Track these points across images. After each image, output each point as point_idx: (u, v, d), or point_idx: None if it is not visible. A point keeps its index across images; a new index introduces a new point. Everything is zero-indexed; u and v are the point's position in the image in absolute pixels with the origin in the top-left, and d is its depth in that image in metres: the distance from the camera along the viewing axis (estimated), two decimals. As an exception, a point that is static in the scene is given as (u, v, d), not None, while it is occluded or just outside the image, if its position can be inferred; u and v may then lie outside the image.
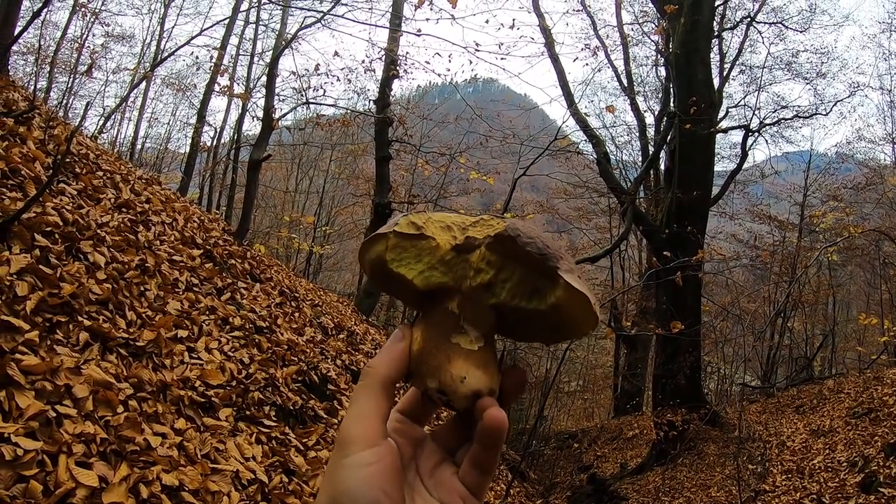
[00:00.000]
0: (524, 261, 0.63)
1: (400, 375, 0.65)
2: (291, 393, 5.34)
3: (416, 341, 0.66)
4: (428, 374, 0.64)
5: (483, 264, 0.65)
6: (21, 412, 2.71)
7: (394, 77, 14.45)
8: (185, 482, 3.15)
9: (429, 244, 0.66)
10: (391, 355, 0.65)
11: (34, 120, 6.32)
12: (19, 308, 3.29)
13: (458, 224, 0.68)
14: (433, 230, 0.67)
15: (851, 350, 22.61)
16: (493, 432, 0.61)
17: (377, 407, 0.62)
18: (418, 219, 0.67)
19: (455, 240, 0.66)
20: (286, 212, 25.11)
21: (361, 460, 0.58)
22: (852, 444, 9.71)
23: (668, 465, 13.45)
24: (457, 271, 0.66)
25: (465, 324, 0.65)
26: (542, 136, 16.05)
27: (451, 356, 0.64)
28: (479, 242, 0.65)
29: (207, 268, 6.43)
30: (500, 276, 0.65)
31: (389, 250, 0.67)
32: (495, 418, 0.61)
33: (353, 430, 0.60)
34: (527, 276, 0.64)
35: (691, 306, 14.46)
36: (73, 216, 4.63)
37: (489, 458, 0.64)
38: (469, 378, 0.63)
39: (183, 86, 23.34)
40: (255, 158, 10.22)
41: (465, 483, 0.64)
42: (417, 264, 0.66)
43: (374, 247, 0.67)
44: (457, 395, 0.63)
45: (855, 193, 23.07)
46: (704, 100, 14.37)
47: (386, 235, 0.66)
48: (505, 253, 0.64)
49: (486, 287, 0.65)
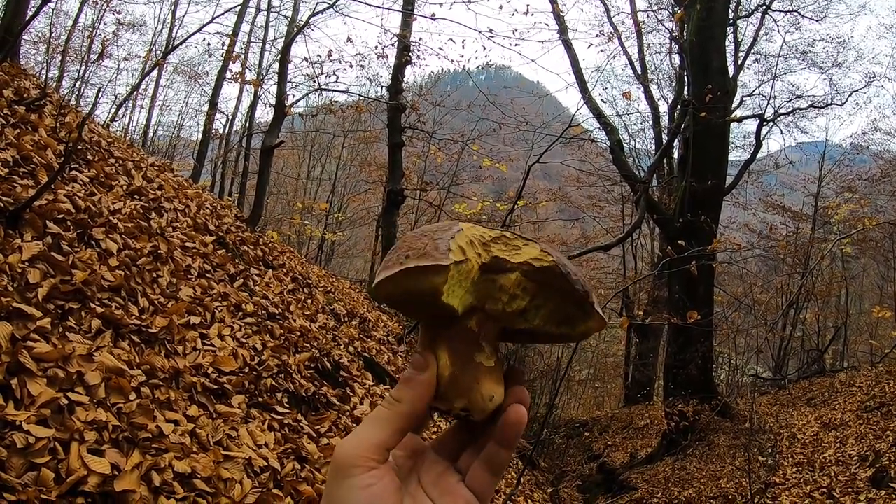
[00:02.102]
0: (564, 293, 0.65)
1: (424, 408, 0.65)
2: (304, 380, 5.34)
3: (445, 367, 0.65)
4: (457, 397, 0.65)
5: (519, 290, 0.66)
6: (33, 399, 2.71)
7: (407, 63, 14.40)
8: (198, 469, 3.15)
9: (467, 267, 0.63)
10: (418, 389, 0.64)
11: (46, 108, 6.33)
12: (31, 295, 3.28)
13: (477, 238, 0.66)
14: (468, 252, 0.64)
15: (864, 343, 22.54)
16: (514, 427, 0.64)
17: (386, 438, 0.62)
18: (462, 241, 0.64)
19: (480, 258, 0.65)
20: (298, 199, 25.13)
21: (362, 482, 0.58)
22: (863, 438, 9.67)
23: (678, 455, 13.44)
24: (481, 290, 0.65)
25: (483, 340, 0.66)
26: (556, 123, 15.98)
27: (479, 377, 0.65)
28: (513, 266, 0.65)
29: (220, 254, 6.43)
30: (533, 302, 0.67)
31: (448, 281, 0.62)
32: (519, 414, 0.64)
33: (353, 452, 0.60)
34: (561, 306, 0.67)
35: (704, 296, 14.41)
36: (85, 203, 4.63)
37: (503, 457, 0.65)
38: (496, 396, 0.65)
39: (195, 73, 23.37)
40: (267, 145, 10.20)
41: (473, 488, 0.65)
42: (460, 290, 0.64)
43: (430, 278, 0.61)
44: (485, 412, 0.65)
45: (870, 185, 22.92)
46: (719, 88, 14.26)
47: (446, 268, 0.61)
48: (546, 283, 0.65)
49: (520, 313, 0.67)
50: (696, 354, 14.39)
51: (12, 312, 3.07)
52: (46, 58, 17.76)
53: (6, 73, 6.43)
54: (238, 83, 18.77)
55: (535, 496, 9.47)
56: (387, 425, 0.62)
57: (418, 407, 0.63)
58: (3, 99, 5.59)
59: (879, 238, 20.84)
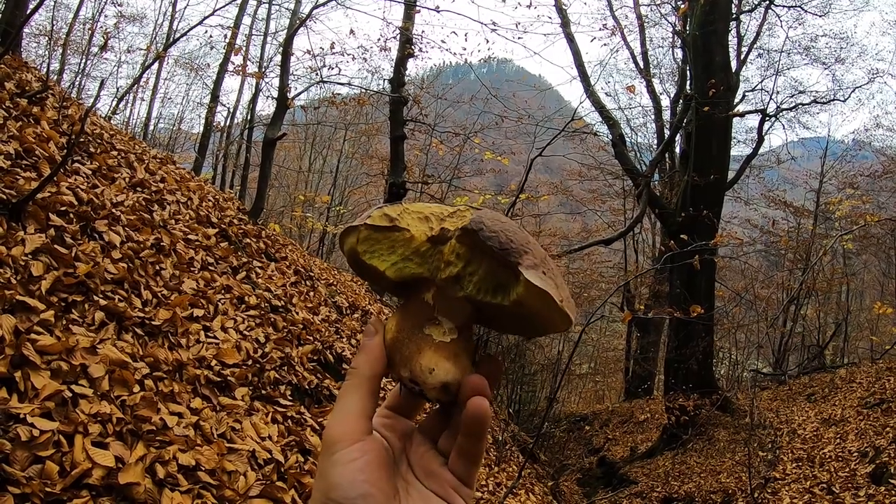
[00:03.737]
0: (489, 255, 0.63)
1: (381, 370, 0.66)
2: (307, 372, 5.34)
3: (390, 331, 0.67)
4: (401, 364, 0.65)
5: (452, 256, 0.65)
6: (37, 392, 2.71)
7: (409, 56, 14.36)
8: (202, 462, 3.15)
9: (402, 236, 0.66)
10: (369, 353, 0.66)
11: (48, 100, 6.32)
12: (34, 288, 3.28)
13: (437, 215, 0.68)
14: (409, 221, 0.67)
15: (864, 339, 22.59)
16: (476, 420, 0.62)
17: (361, 405, 0.64)
18: (392, 210, 0.67)
19: (432, 231, 0.67)
20: (300, 191, 25.11)
21: (348, 456, 0.60)
22: (863, 434, 9.69)
23: (678, 449, 13.48)
24: (432, 262, 0.67)
25: (440, 315, 0.66)
26: (558, 117, 15.95)
27: (422, 347, 0.65)
28: (451, 234, 0.66)
29: (223, 247, 6.42)
30: (467, 269, 0.65)
31: (361, 242, 0.68)
32: (479, 407, 0.61)
33: (337, 429, 0.62)
34: (492, 270, 0.64)
35: (705, 291, 14.43)
36: (87, 195, 4.62)
37: (475, 448, 0.64)
38: (437, 370, 0.63)
39: (196, 66, 23.31)
40: (270, 137, 10.19)
41: (455, 472, 0.65)
42: (391, 256, 0.68)
43: (347, 238, 0.68)
44: (426, 385, 0.64)
45: (871, 181, 22.89)
46: (722, 83, 14.25)
47: (357, 228, 0.67)
48: (471, 246, 0.64)
49: (454, 279, 0.65)
50: (697, 349, 14.41)
51: (16, 305, 3.07)
52: (48, 50, 17.73)
53: (8, 66, 6.42)
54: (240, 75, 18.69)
55: (535, 489, 9.49)
56: (354, 393, 0.64)
57: (375, 369, 0.65)
58: (6, 91, 5.58)
59: (881, 234, 20.85)
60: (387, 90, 15.03)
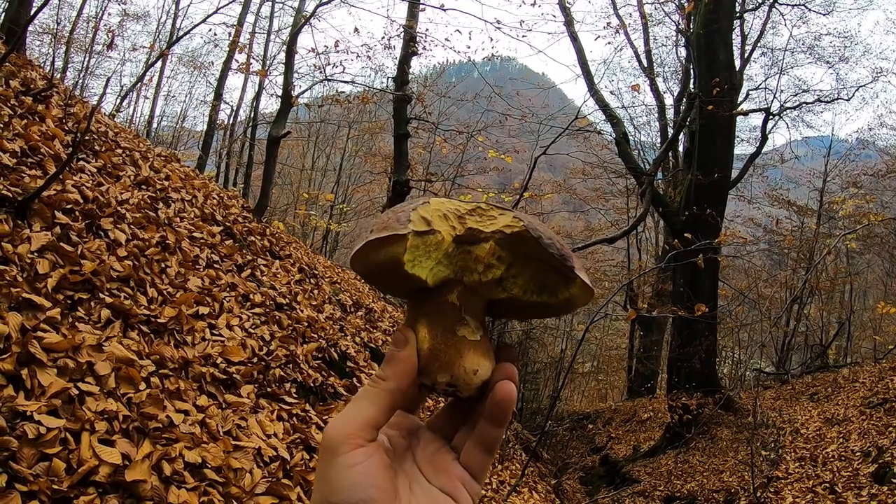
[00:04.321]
0: (540, 259, 0.64)
1: (410, 384, 0.65)
2: (312, 370, 5.35)
3: (424, 339, 0.65)
4: (439, 371, 0.64)
5: (493, 260, 0.65)
6: (43, 390, 2.71)
7: (413, 54, 14.32)
8: (208, 459, 3.16)
9: (436, 239, 0.64)
10: (400, 365, 0.64)
11: (52, 98, 6.33)
12: (41, 285, 3.29)
13: (452, 212, 0.66)
14: (437, 223, 0.65)
15: (867, 339, 22.53)
16: (503, 405, 0.64)
17: (374, 415, 0.62)
18: (426, 212, 0.65)
19: (454, 230, 0.65)
20: (303, 189, 25.11)
21: (350, 460, 0.59)
22: (866, 433, 9.67)
23: (681, 448, 13.48)
24: (457, 263, 0.66)
25: (466, 314, 0.66)
26: (561, 115, 15.93)
27: (462, 350, 0.64)
28: (486, 236, 0.65)
29: (227, 245, 6.44)
30: (511, 271, 0.66)
31: (408, 251, 0.63)
32: (507, 391, 0.64)
33: (341, 431, 0.61)
34: (539, 272, 0.66)
35: (708, 290, 14.40)
36: (93, 193, 4.63)
37: (495, 435, 0.66)
38: (481, 370, 0.64)
39: (199, 63, 23.30)
40: (274, 135, 10.19)
41: (468, 466, 0.66)
42: (428, 261, 0.65)
43: (389, 249, 0.63)
44: (470, 387, 0.65)
45: (875, 181, 22.80)
46: (726, 81, 14.21)
47: (404, 237, 0.62)
48: (519, 251, 0.65)
49: (496, 282, 0.66)
50: (700, 348, 14.40)
51: (22, 303, 3.07)
52: (52, 48, 17.74)
53: (13, 64, 6.43)
54: (243, 73, 18.68)
55: (538, 487, 9.50)
56: (373, 403, 0.62)
57: (403, 383, 0.64)
58: (11, 89, 5.59)
59: (884, 234, 20.80)
60: (390, 88, 14.99)
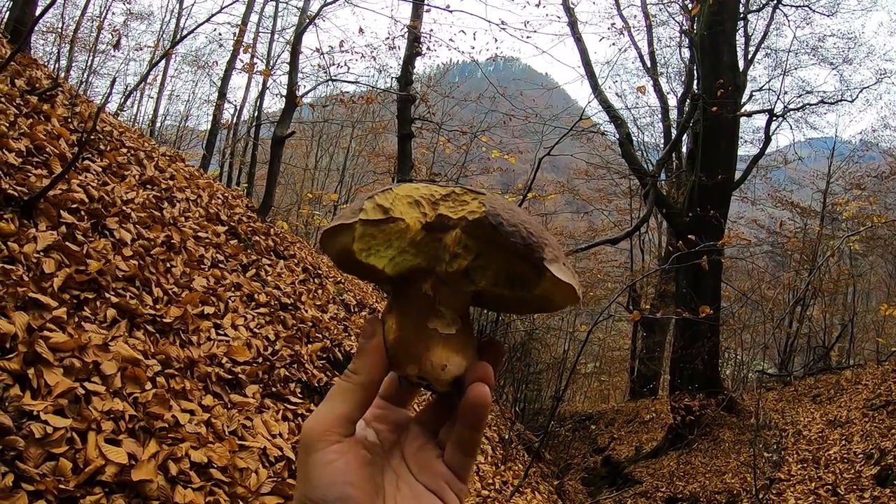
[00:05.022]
0: (507, 248, 0.59)
1: (381, 376, 0.64)
2: (316, 370, 5.36)
3: (391, 329, 0.63)
4: (407, 363, 0.62)
5: (460, 249, 0.61)
6: (50, 389, 2.72)
7: (417, 54, 14.32)
8: (214, 459, 3.17)
9: (397, 227, 0.61)
10: (368, 357, 0.63)
11: (58, 97, 6.33)
12: (47, 285, 3.30)
13: (426, 197, 0.63)
14: (401, 209, 0.62)
15: (870, 341, 22.46)
16: (476, 409, 0.61)
17: (347, 410, 0.61)
18: (385, 199, 0.62)
19: (425, 217, 0.62)
20: (306, 189, 25.13)
21: (327, 457, 0.59)
22: (869, 436, 9.67)
23: (683, 449, 13.47)
24: (429, 251, 0.62)
25: (441, 306, 0.63)
26: (565, 116, 15.94)
27: (430, 344, 0.62)
28: (454, 223, 0.61)
29: (232, 244, 6.44)
30: (478, 261, 0.61)
31: (357, 241, 0.61)
32: (480, 394, 0.61)
33: (317, 428, 0.60)
34: (509, 263, 0.61)
35: (711, 291, 14.40)
36: (98, 193, 4.64)
37: (472, 439, 0.63)
38: (450, 365, 0.62)
39: (203, 63, 23.32)
40: (278, 135, 10.18)
41: (450, 465, 0.64)
42: (388, 250, 0.62)
43: (339, 238, 0.62)
44: (438, 381, 0.62)
45: (878, 182, 22.78)
46: (729, 82, 14.21)
47: (352, 226, 0.60)
48: (485, 239, 0.60)
49: (463, 273, 0.62)
50: (703, 349, 14.39)
51: (28, 302, 3.08)
52: (57, 47, 17.79)
53: (18, 63, 6.44)
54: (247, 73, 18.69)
55: (541, 488, 9.49)
56: (345, 398, 0.62)
57: (374, 375, 0.63)
58: (16, 89, 5.60)
59: (888, 236, 20.78)
60: (394, 88, 15.00)
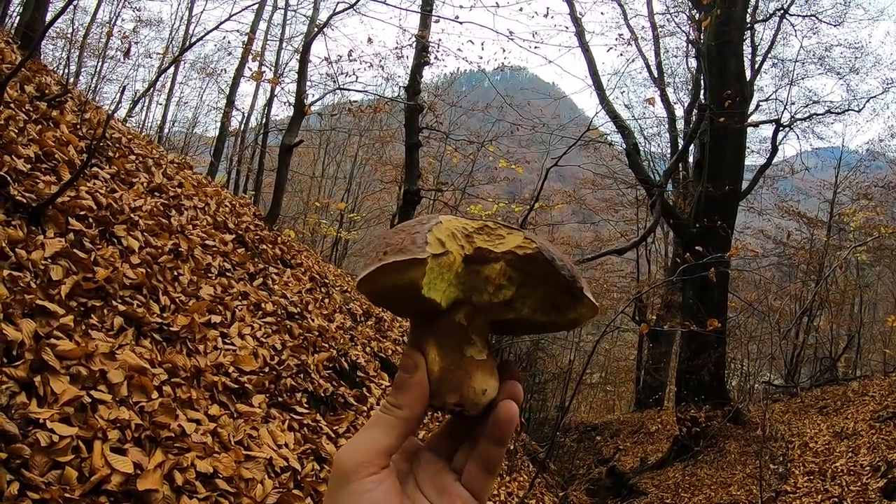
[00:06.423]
0: (551, 280, 0.65)
1: (423, 411, 0.64)
2: (322, 380, 5.35)
3: (434, 362, 0.64)
4: (449, 392, 0.64)
5: (504, 280, 0.65)
6: (56, 397, 2.72)
7: (425, 64, 14.34)
8: (220, 469, 3.16)
9: (448, 260, 0.63)
10: (413, 391, 0.63)
11: (67, 104, 6.35)
12: (54, 292, 3.29)
13: (460, 230, 0.65)
14: (448, 243, 0.63)
15: (877, 352, 22.37)
16: (505, 425, 0.63)
17: (388, 444, 0.62)
18: (440, 233, 0.63)
19: (463, 250, 0.64)
20: (313, 197, 25.17)
21: (361, 488, 0.59)
22: (876, 448, 9.61)
23: (688, 461, 13.41)
24: (466, 283, 0.65)
25: (473, 334, 0.65)
26: (572, 125, 15.94)
27: (470, 371, 0.64)
28: (497, 256, 0.64)
29: (239, 253, 6.44)
30: (520, 292, 0.66)
31: (426, 275, 0.61)
32: (510, 411, 0.63)
33: (354, 458, 0.60)
34: (550, 293, 0.66)
35: (718, 302, 14.36)
36: (106, 200, 4.64)
37: (497, 455, 0.65)
38: (489, 389, 0.64)
39: (212, 70, 23.41)
40: (286, 144, 10.21)
41: (469, 486, 0.65)
42: (442, 283, 0.63)
43: (407, 273, 0.60)
44: (478, 406, 0.64)
45: (885, 192, 22.68)
46: (736, 93, 14.18)
47: (423, 261, 0.60)
48: (531, 272, 0.65)
49: (506, 303, 0.66)
50: (709, 360, 14.34)
51: (35, 309, 3.08)
52: (67, 53, 17.88)
53: (28, 69, 6.46)
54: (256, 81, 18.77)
55: (546, 499, 9.46)
56: (387, 432, 0.62)
57: (417, 410, 0.63)
58: (26, 95, 5.62)
59: (895, 246, 20.67)
60: (402, 97, 15.02)
